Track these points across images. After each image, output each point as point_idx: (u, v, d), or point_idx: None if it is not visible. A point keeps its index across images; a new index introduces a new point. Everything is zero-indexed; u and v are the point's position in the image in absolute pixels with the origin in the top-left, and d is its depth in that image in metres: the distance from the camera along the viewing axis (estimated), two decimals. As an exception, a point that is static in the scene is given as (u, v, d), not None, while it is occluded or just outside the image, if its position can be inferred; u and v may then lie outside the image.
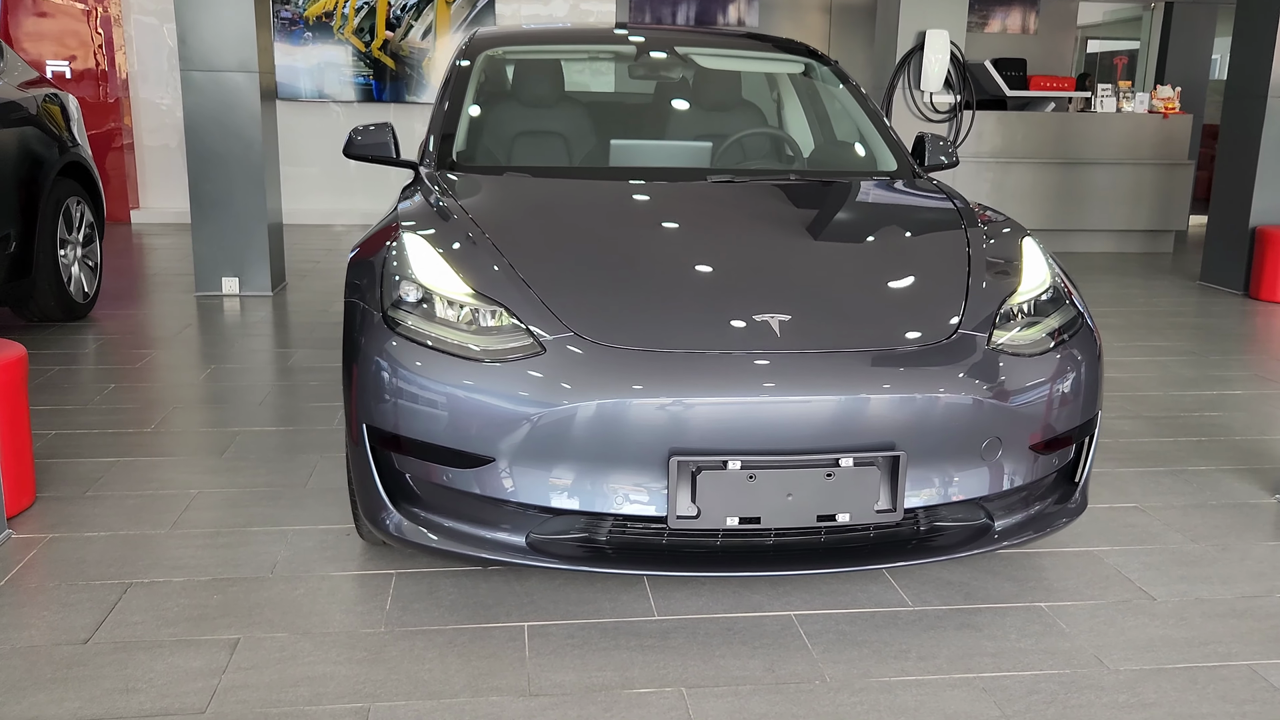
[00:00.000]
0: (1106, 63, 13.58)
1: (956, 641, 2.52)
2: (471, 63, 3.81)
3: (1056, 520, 2.59)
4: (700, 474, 2.23)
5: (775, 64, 4.22)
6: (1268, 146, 7.04)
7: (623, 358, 2.30)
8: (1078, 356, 2.58)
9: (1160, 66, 10.86)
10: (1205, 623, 2.64)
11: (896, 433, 2.30)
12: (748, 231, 2.91)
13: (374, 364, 2.44)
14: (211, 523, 3.11)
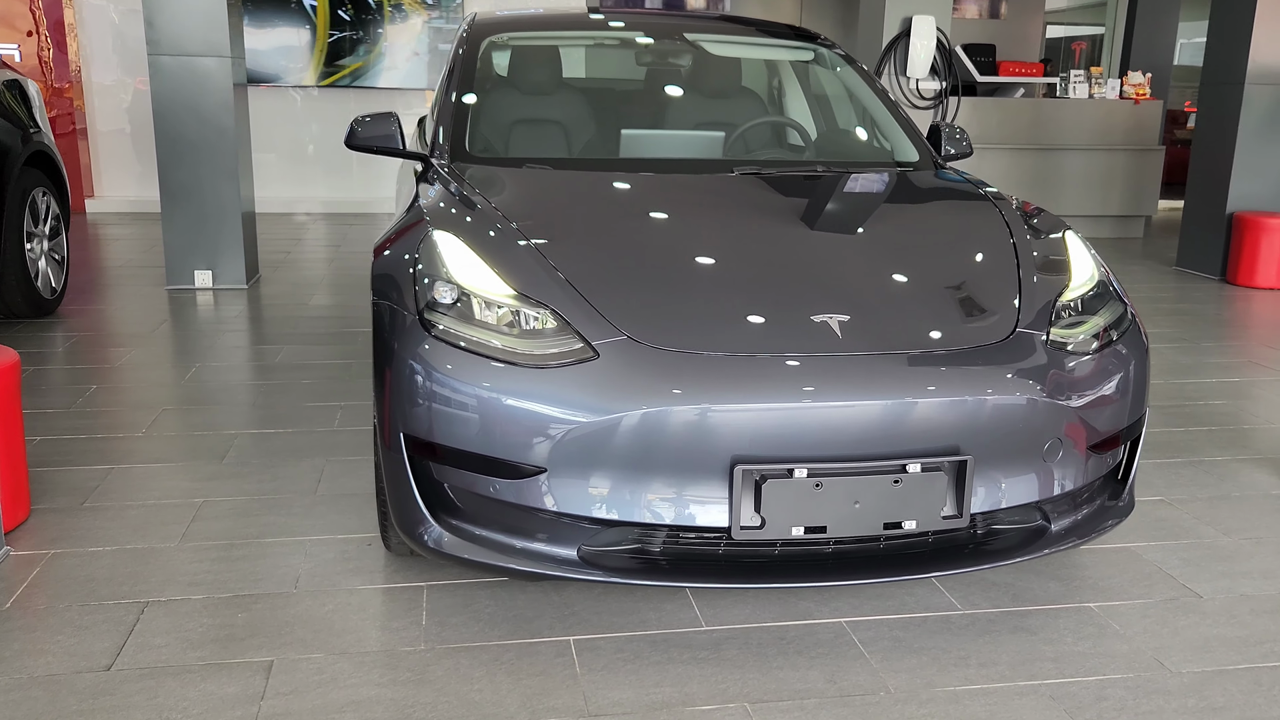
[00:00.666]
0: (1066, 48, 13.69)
1: (1014, 646, 2.46)
2: (476, 50, 3.67)
3: (1107, 520, 2.54)
4: (765, 483, 2.14)
5: (785, 51, 4.12)
6: (1244, 133, 7.10)
7: (682, 362, 2.20)
8: (1129, 353, 2.53)
9: (1126, 52, 10.94)
10: (1256, 620, 2.61)
11: (961, 436, 2.23)
12: (789, 226, 2.82)
13: (412, 369, 2.32)
14: (223, 534, 2.96)
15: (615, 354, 2.22)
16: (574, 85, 3.86)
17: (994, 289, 2.53)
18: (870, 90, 3.80)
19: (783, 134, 3.79)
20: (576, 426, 2.17)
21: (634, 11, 4.37)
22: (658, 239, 2.65)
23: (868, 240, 2.73)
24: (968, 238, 2.76)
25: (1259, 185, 7.21)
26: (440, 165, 3.18)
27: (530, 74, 3.82)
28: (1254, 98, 7.08)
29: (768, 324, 2.31)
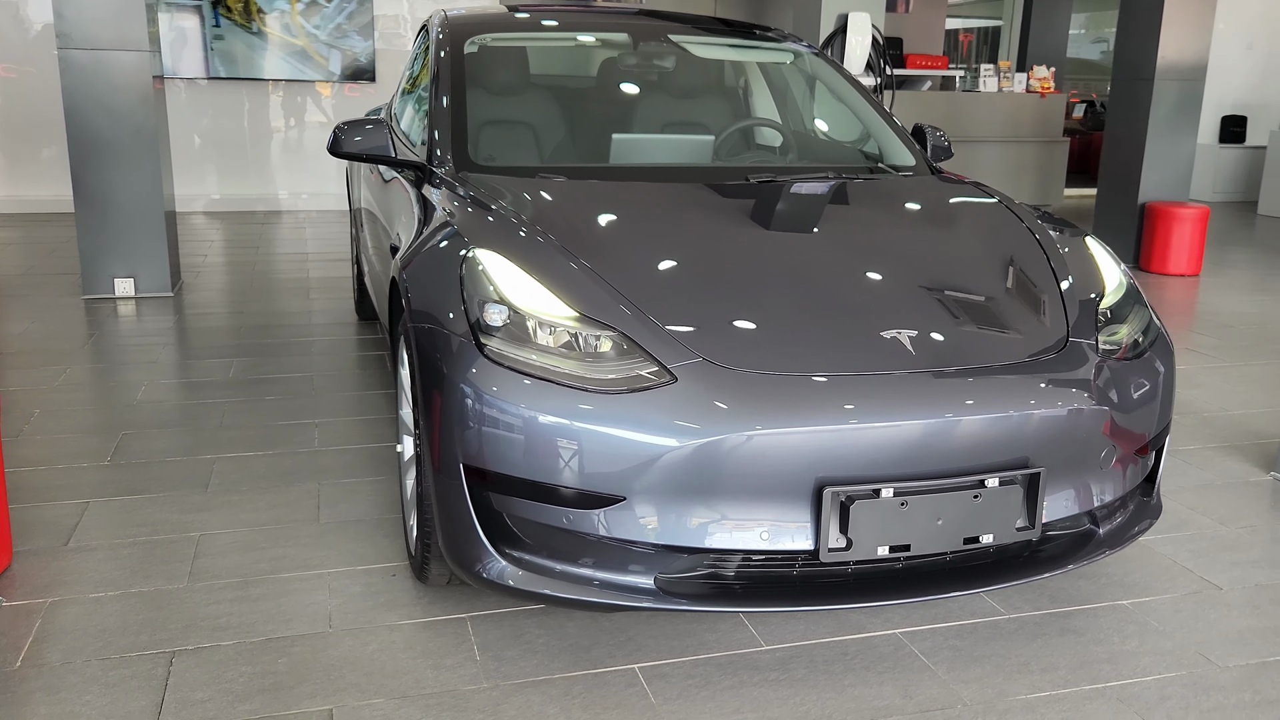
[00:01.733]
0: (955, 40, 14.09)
1: (1068, 649, 2.51)
2: (460, 52, 3.53)
3: (1145, 521, 2.61)
4: (853, 504, 2.12)
5: (767, 53, 4.10)
6: (1155, 127, 7.42)
7: (763, 384, 2.16)
8: (1161, 358, 2.59)
9: (1023, 45, 11.32)
10: (1277, 610, 2.73)
11: (1032, 448, 2.25)
12: (829, 237, 2.80)
13: (474, 397, 2.22)
14: (233, 571, 2.79)
15: (693, 377, 2.16)
16: (566, 88, 3.76)
17: (1039, 298, 2.56)
18: (857, 93, 3.81)
19: (788, 139, 3.77)
20: (659, 453, 2.11)
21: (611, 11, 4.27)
22: (707, 254, 2.59)
23: (910, 250, 2.72)
24: (1001, 246, 2.79)
25: (1168, 176, 7.55)
26: (445, 175, 3.05)
27: (521, 77, 3.70)
28: (1163, 93, 7.40)
29: (841, 341, 2.28)
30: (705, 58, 4.04)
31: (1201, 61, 7.46)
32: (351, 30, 9.63)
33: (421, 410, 2.39)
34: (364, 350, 4.99)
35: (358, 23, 9.68)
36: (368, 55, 9.75)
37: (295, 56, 9.60)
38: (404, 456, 2.93)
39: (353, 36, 9.66)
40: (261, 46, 9.50)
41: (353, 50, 9.71)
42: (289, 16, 9.49)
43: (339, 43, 9.70)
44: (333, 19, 9.62)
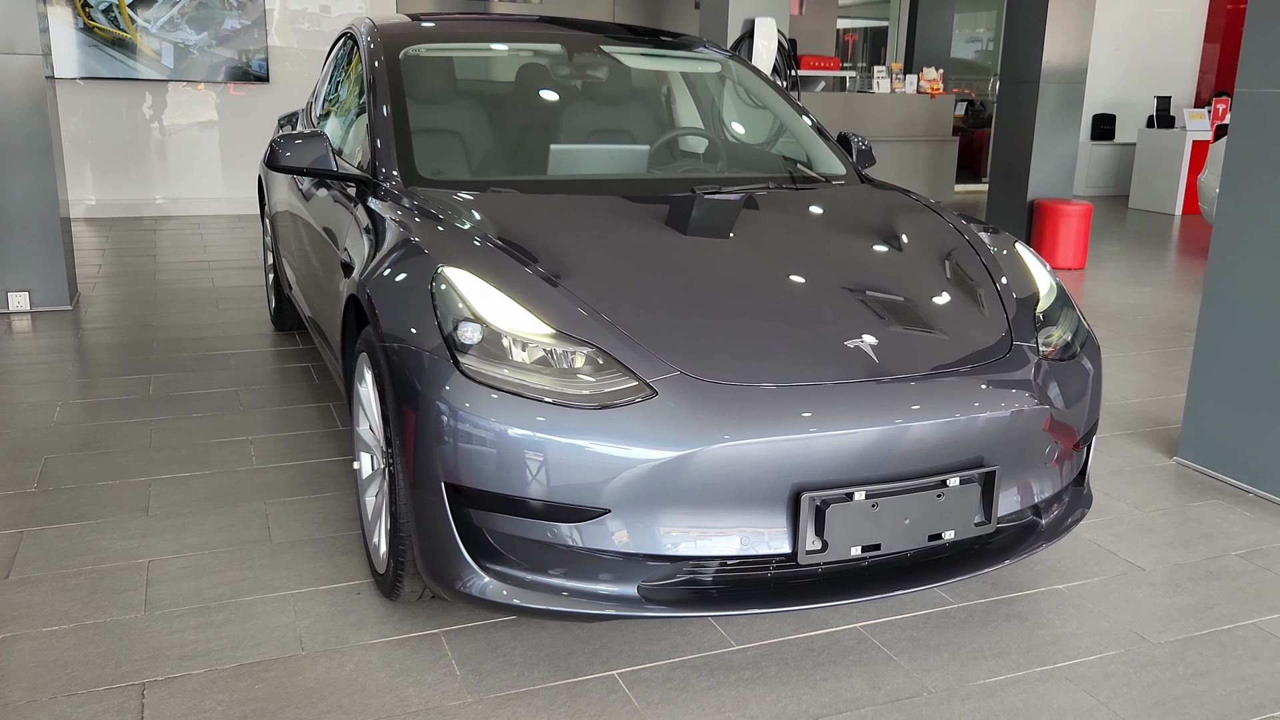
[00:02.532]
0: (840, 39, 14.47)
1: (1016, 634, 2.66)
2: (395, 62, 3.52)
3: (1078, 512, 2.78)
4: (829, 508, 2.22)
5: (696, 63, 4.19)
6: (1041, 127, 7.79)
7: (740, 395, 2.24)
8: (1091, 358, 2.77)
9: (910, 46, 11.71)
10: (1196, 587, 2.94)
11: (985, 448, 2.39)
12: (786, 248, 2.89)
13: (453, 416, 2.24)
14: (191, 597, 2.74)
15: (673, 390, 2.23)
16: (505, 99, 3.77)
17: (982, 304, 2.71)
18: (785, 102, 3.93)
19: (718, 148, 3.86)
20: (644, 465, 2.17)
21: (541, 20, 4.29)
22: (670, 267, 2.66)
23: (862, 260, 2.84)
24: (942, 254, 2.93)
25: (1054, 174, 7.94)
26: (393, 189, 3.05)
27: (460, 89, 3.70)
28: (1048, 95, 7.78)
29: (810, 351, 2.38)
30: (639, 68, 4.10)
31: (1082, 66, 7.87)
32: (183, 23, 9.22)
33: (395, 429, 2.40)
34: (286, 363, 4.90)
35: (213, 19, 9.33)
36: (259, 54, 9.50)
37: (128, 53, 9.19)
38: (361, 474, 2.92)
39: (186, 30, 9.24)
40: (97, 45, 9.12)
41: (246, 49, 9.44)
42: (118, 11, 9.08)
43: (226, 43, 9.41)
44: (165, 14, 9.24)
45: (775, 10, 6.64)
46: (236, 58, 9.46)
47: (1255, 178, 3.55)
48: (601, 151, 3.57)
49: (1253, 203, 3.56)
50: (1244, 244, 3.61)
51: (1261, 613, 2.81)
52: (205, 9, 9.25)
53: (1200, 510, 3.47)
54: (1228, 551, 3.17)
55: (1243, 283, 3.61)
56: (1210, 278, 3.75)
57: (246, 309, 5.93)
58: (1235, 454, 3.66)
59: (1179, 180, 11.24)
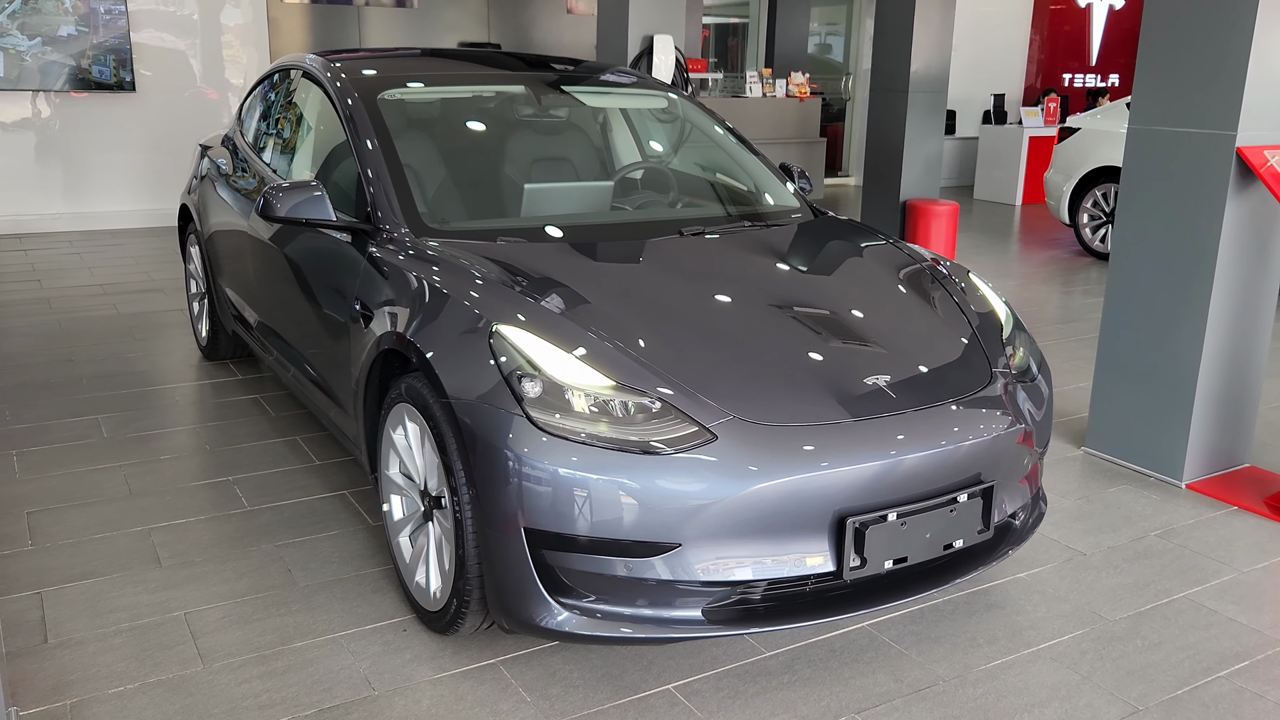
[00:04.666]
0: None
1: (999, 622, 3.06)
2: (375, 107, 3.63)
3: (1041, 510, 3.19)
4: (868, 529, 2.53)
5: (647, 100, 4.43)
6: (910, 133, 8.36)
7: (790, 435, 2.52)
8: (1046, 378, 3.18)
9: (770, 46, 12.21)
10: (1131, 567, 3.42)
11: (983, 465, 2.75)
12: (791, 291, 3.17)
13: (531, 467, 2.44)
14: (242, 646, 2.84)
15: (730, 434, 2.49)
16: (493, 142, 3.90)
17: (962, 336, 3.07)
18: (733, 137, 4.23)
19: (670, 182, 4.11)
20: (710, 502, 2.43)
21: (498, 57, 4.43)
22: (698, 312, 2.90)
23: (860, 300, 3.14)
24: (921, 290, 3.28)
25: (923, 176, 8.53)
26: (402, 239, 3.18)
27: (443, 132, 3.83)
28: (916, 103, 8.35)
29: (839, 390, 2.68)
30: (596, 106, 4.31)
31: (944, 75, 8.47)
32: (13, 29, 8.78)
33: (464, 478, 2.57)
34: (232, 395, 4.89)
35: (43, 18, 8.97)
36: (118, 60, 9.13)
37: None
38: (393, 516, 3.07)
39: (17, 36, 8.85)
40: None
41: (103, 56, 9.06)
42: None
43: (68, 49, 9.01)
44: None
45: (671, 27, 6.93)
46: (91, 65, 9.05)
47: (1147, 202, 4.07)
48: (586, 190, 3.78)
49: (1146, 224, 4.08)
50: (1138, 257, 4.13)
51: (1188, 586, 3.30)
52: (42, 14, 8.80)
53: (1116, 496, 3.98)
54: (1148, 533, 3.67)
55: (1138, 291, 4.14)
56: (1111, 287, 4.26)
57: (165, 338, 5.82)
58: (1137, 443, 4.20)
59: (1019, 173, 12.17)
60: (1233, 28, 3.72)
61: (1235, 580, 3.34)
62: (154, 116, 9.39)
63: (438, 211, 3.41)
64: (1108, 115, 9.07)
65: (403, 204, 3.31)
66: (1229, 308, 3.96)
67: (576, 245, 3.29)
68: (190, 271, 5.53)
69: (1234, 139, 3.74)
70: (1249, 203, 3.86)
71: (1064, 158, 9.21)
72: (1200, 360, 3.96)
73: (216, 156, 5.08)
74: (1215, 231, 3.84)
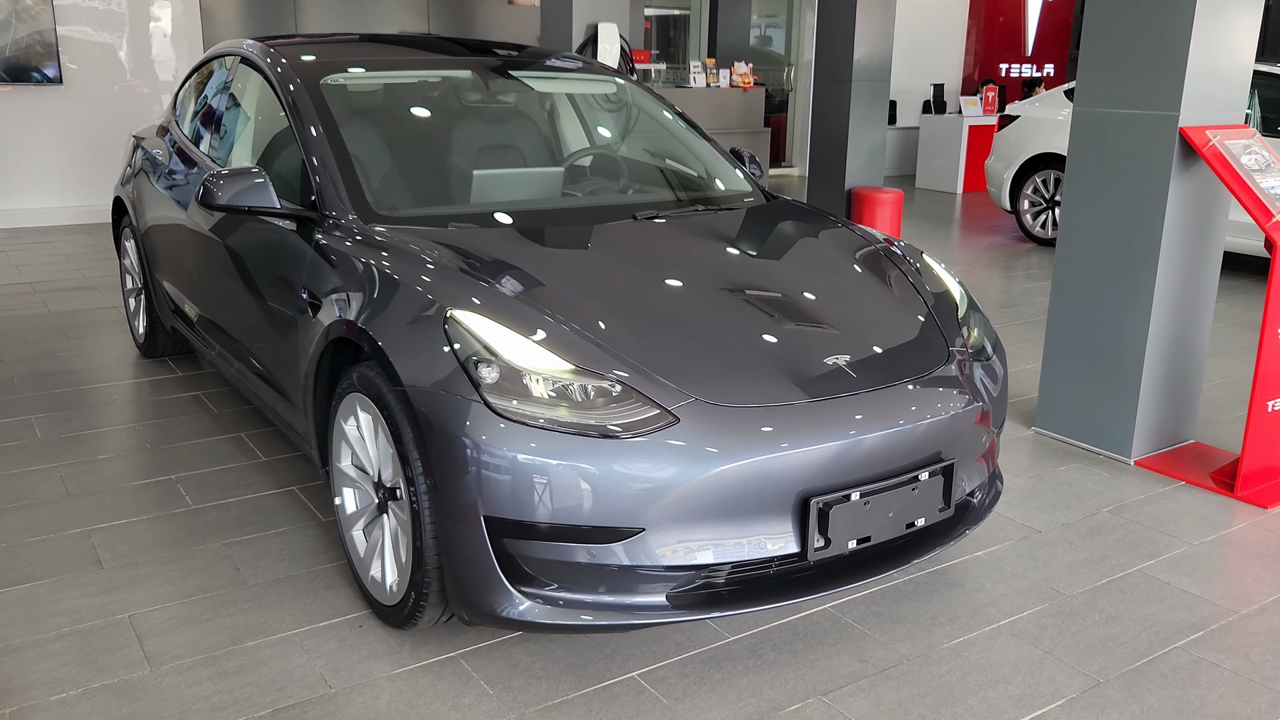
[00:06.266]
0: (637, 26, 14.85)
1: (960, 601, 3.07)
2: (318, 93, 3.53)
3: (998, 488, 3.20)
4: (832, 509, 2.51)
5: (596, 85, 4.37)
6: (854, 122, 8.40)
7: (752, 416, 2.49)
8: (1000, 357, 3.19)
9: (712, 35, 12.21)
10: (1085, 543, 3.45)
11: (944, 444, 2.75)
12: (747, 273, 3.15)
13: (491, 454, 2.38)
14: (191, 648, 2.74)
15: (693, 416, 2.46)
16: (437, 127, 3.82)
17: (919, 316, 3.07)
18: (683, 123, 4.19)
19: (620, 168, 4.07)
20: (674, 485, 2.39)
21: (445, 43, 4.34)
22: (655, 296, 2.87)
23: (817, 281, 3.12)
24: (878, 271, 3.27)
25: (867, 164, 8.59)
26: (350, 227, 3.10)
27: (387, 117, 3.74)
28: (859, 92, 8.39)
29: (797, 371, 2.65)
30: (544, 91, 4.25)
31: (886, 64, 8.53)
32: None
33: (421, 468, 2.51)
34: (172, 393, 4.75)
35: None
36: (48, 53, 8.86)
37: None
38: (345, 509, 2.99)
39: None
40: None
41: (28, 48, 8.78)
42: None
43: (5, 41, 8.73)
44: None
45: (616, 16, 6.88)
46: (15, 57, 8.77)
47: (1093, 183, 4.11)
48: (535, 175, 3.72)
49: (1091, 206, 4.13)
50: (1084, 239, 4.17)
51: (1141, 560, 3.34)
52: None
53: (1067, 474, 4.02)
54: (1100, 509, 3.71)
55: (1084, 273, 4.18)
56: (1058, 268, 4.30)
57: (100, 336, 5.64)
58: (1086, 422, 4.25)
59: (959, 162, 12.32)
60: (1174, 9, 3.77)
61: (1186, 553, 3.39)
62: (82, 110, 9.12)
63: (386, 198, 3.34)
64: (1046, 103, 9.20)
65: (349, 190, 3.22)
66: (1173, 288, 4.02)
67: (529, 231, 3.23)
68: (126, 266, 5.36)
69: (1177, 119, 3.79)
70: (1191, 183, 3.92)
71: (1004, 145, 9.32)
72: (1147, 340, 4.01)
73: (151, 148, 4.93)
74: (1160, 212, 3.89)
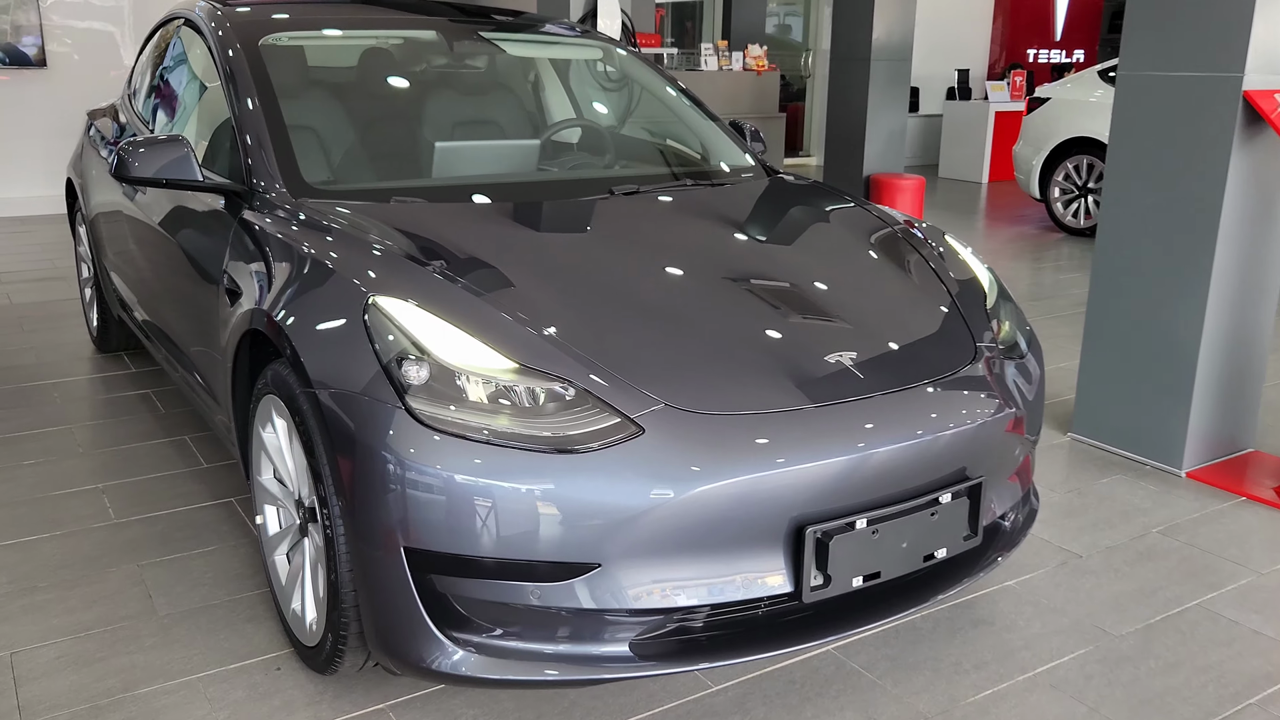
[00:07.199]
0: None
1: (987, 642, 2.60)
2: (255, 53, 3.10)
3: (1034, 508, 2.73)
4: (832, 540, 2.06)
5: (576, 50, 3.93)
6: (873, 103, 7.91)
7: (733, 425, 2.04)
8: (1037, 355, 2.72)
9: (726, 20, 11.74)
10: (1134, 571, 2.97)
11: (969, 458, 2.29)
12: (737, 253, 2.70)
13: (406, 469, 1.94)
14: (74, 696, 2.32)
15: (660, 425, 2.00)
16: (386, 94, 3.39)
17: (940, 306, 2.60)
18: (677, 92, 3.74)
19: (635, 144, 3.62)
20: (637, 511, 1.94)
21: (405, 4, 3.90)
22: (627, 283, 2.42)
23: (818, 266, 2.67)
24: (892, 255, 2.81)
25: (886, 149, 8.10)
26: (278, 202, 2.67)
27: (334, 81, 3.31)
28: (878, 72, 7.90)
29: (794, 370, 2.20)
30: (519, 55, 3.81)
31: (908, 42, 8.03)
32: None
33: (333, 486, 2.07)
34: (120, 390, 4.35)
35: None
36: (31, 35, 8.49)
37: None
38: (267, 530, 2.56)
39: None
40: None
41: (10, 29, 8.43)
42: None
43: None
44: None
45: (618, -11, 6.44)
46: (2, 40, 8.43)
47: (1140, 157, 3.63)
48: (504, 149, 3.28)
49: (1138, 182, 3.64)
50: (1129, 220, 3.69)
51: (1201, 592, 2.86)
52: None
53: (1109, 488, 3.54)
54: (1148, 530, 3.23)
55: (1130, 258, 3.70)
56: (1099, 254, 3.82)
57: (57, 329, 5.25)
58: (1130, 428, 3.77)
59: (985, 150, 11.78)
60: (1237, -45, 3.28)
61: (1254, 584, 2.91)
62: (68, 96, 8.74)
63: (322, 168, 2.90)
64: (1079, 83, 8.67)
65: (280, 159, 2.79)
66: (1232, 275, 3.53)
67: (484, 207, 2.79)
68: (80, 254, 4.96)
69: (1240, 82, 3.30)
70: (1256, 155, 3.43)
71: (1033, 129, 8.80)
72: (1201, 334, 3.53)
73: (101, 125, 4.52)
74: (1219, 188, 3.40)
